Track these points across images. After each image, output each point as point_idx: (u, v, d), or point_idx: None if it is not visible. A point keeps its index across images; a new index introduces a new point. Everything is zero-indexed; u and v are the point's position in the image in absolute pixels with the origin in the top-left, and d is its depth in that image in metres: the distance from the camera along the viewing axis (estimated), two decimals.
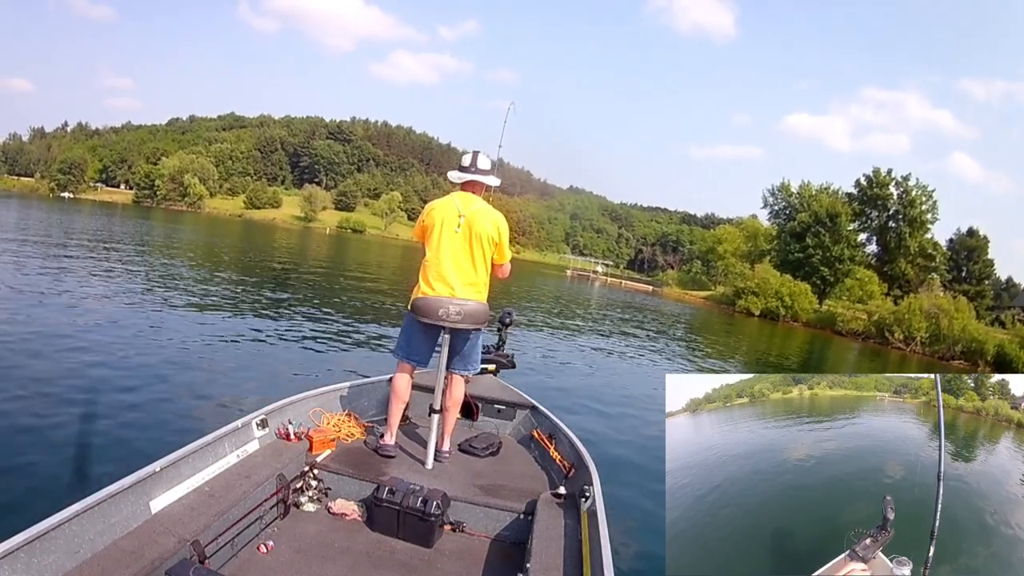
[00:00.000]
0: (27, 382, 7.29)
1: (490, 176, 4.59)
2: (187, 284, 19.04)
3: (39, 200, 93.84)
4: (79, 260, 20.97)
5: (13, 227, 32.41)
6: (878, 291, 63.17)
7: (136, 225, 52.33)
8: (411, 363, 4.60)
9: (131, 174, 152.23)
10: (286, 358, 10.99)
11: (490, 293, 4.52)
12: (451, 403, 4.70)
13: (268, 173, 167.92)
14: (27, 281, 14.68)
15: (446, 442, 4.71)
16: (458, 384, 4.71)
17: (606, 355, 18.67)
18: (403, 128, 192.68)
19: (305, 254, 48.01)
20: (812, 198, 76.22)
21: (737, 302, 62.69)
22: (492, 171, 4.62)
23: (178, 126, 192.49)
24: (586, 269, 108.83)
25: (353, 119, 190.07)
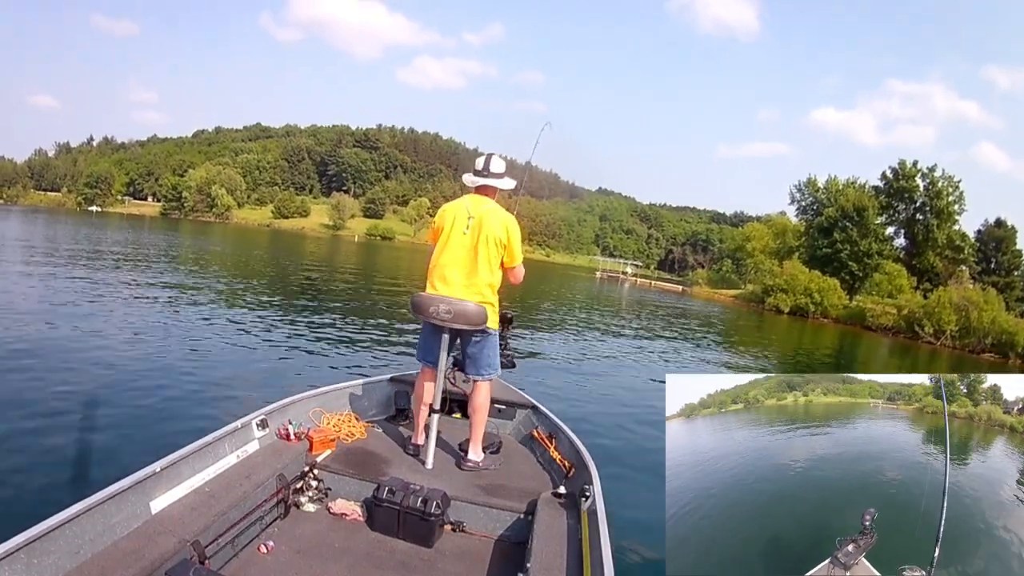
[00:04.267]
0: (27, 382, 7.40)
1: (504, 179, 4.58)
2: (198, 289, 19.31)
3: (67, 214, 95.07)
4: (92, 269, 21.33)
5: (42, 239, 33.19)
6: (907, 285, 62.55)
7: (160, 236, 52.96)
8: (427, 364, 4.61)
9: (158, 187, 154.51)
10: (287, 358, 11.05)
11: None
12: (472, 408, 4.67)
13: (296, 182, 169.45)
14: (36, 288, 15.11)
15: (473, 450, 4.65)
16: (477, 389, 4.65)
17: (627, 355, 18.53)
18: (429, 134, 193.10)
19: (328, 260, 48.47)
20: (839, 193, 75.46)
21: (766, 300, 62.24)
22: (505, 174, 4.60)
23: (204, 138, 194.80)
24: (615, 270, 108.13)
25: (379, 126, 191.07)
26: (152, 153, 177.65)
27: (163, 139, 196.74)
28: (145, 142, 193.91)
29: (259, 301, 18.49)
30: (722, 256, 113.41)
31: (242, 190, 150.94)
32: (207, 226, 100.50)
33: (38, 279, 16.92)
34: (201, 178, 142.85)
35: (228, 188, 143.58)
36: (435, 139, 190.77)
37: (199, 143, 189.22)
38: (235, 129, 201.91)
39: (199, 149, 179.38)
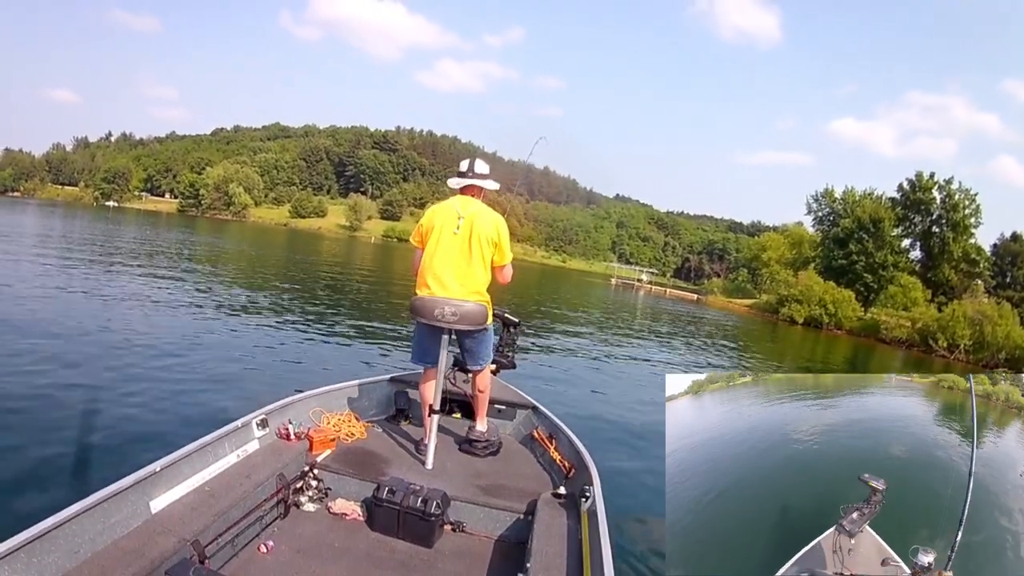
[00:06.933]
0: (27, 382, 7.36)
1: (488, 180, 4.61)
2: (206, 287, 19.44)
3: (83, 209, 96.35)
4: (101, 264, 21.53)
5: (58, 234, 33.63)
6: (921, 298, 61.72)
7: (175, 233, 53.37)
8: (426, 365, 4.64)
9: (176, 183, 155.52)
10: (287, 358, 11.07)
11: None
12: (477, 391, 4.89)
13: (313, 182, 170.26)
14: (40, 281, 15.30)
15: (479, 423, 4.96)
16: (479, 377, 4.84)
17: (634, 362, 18.59)
18: (448, 137, 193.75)
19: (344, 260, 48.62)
20: (856, 204, 75.07)
21: (780, 310, 61.75)
22: (490, 176, 4.63)
23: (222, 136, 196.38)
24: (631, 277, 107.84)
25: (398, 128, 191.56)
26: (170, 150, 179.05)
27: (182, 136, 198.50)
28: (164, 138, 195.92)
29: (266, 301, 18.59)
30: (738, 265, 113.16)
31: (259, 189, 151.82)
32: (224, 224, 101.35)
33: (44, 273, 17.12)
34: (219, 176, 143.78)
35: (246, 186, 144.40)
36: (454, 142, 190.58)
37: (218, 141, 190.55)
38: (254, 128, 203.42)
39: (217, 147, 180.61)
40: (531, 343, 16.80)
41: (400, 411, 5.43)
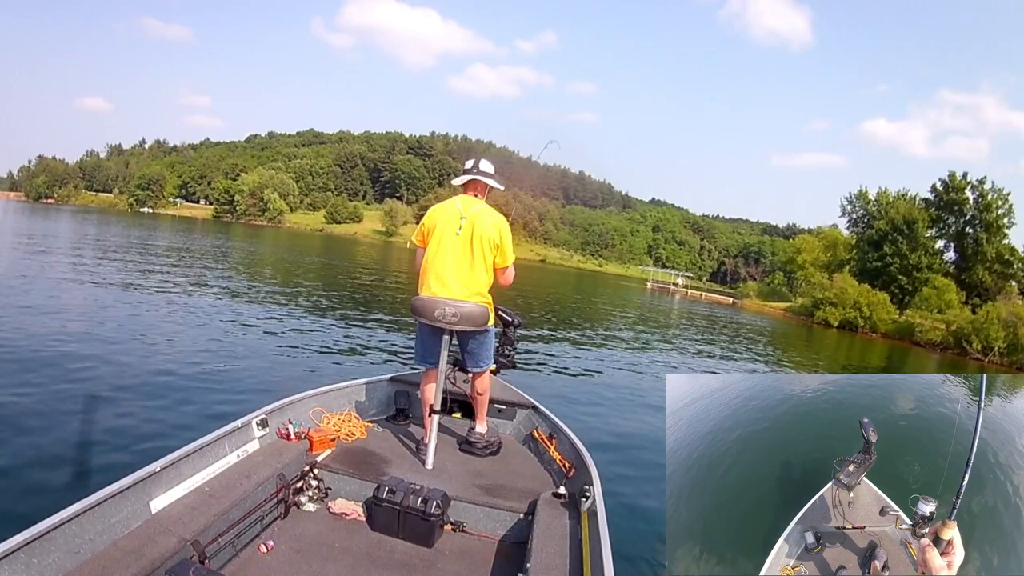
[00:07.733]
0: (26, 382, 7.42)
1: (492, 179, 4.61)
2: (222, 290, 19.60)
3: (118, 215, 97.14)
4: (119, 270, 21.66)
5: (92, 239, 34.12)
6: (956, 300, 61.09)
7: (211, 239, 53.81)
8: (428, 366, 4.62)
9: (210, 190, 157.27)
10: (287, 358, 11.13)
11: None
12: (477, 392, 4.86)
13: (349, 188, 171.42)
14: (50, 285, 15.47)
15: (479, 424, 4.94)
16: (480, 378, 4.82)
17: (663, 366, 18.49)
18: (483, 142, 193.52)
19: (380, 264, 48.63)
20: (889, 205, 74.67)
21: (815, 313, 61.35)
22: (494, 176, 4.64)
23: (257, 143, 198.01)
24: (666, 281, 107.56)
25: (433, 134, 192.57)
26: (204, 157, 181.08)
27: (216, 143, 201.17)
28: (198, 145, 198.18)
29: (286, 301, 18.92)
30: (774, 269, 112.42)
31: (295, 195, 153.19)
32: (259, 230, 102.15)
33: (59, 276, 17.46)
34: (254, 182, 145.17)
35: (281, 192, 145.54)
36: (488, 148, 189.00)
37: (252, 148, 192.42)
38: (288, 134, 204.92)
39: (252, 154, 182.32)
40: (560, 349, 17.16)
41: (400, 411, 5.45)
